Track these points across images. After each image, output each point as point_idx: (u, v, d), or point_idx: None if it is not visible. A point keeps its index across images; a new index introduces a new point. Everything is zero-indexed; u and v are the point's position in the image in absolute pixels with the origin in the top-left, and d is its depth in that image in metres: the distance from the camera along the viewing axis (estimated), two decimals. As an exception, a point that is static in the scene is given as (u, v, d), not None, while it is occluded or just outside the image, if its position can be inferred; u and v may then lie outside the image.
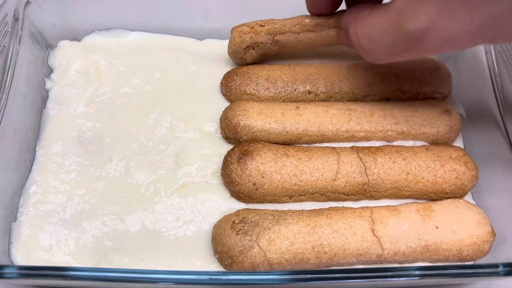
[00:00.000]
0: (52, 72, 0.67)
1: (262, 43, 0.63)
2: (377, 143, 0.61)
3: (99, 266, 0.52)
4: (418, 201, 0.58)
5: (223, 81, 0.65)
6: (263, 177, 0.55)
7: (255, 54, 0.65)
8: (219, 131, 0.62)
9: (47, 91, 0.65)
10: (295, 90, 0.63)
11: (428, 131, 0.61)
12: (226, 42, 0.67)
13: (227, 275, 0.45)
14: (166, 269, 0.53)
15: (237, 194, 0.56)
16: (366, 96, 0.64)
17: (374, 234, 0.52)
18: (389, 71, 0.65)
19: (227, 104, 0.64)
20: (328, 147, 0.59)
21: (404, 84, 0.64)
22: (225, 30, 0.70)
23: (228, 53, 0.66)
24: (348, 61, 0.67)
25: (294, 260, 0.51)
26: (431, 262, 0.54)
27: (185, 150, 0.60)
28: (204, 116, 0.63)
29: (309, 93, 0.63)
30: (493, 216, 0.56)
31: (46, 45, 0.68)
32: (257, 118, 0.59)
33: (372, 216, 0.54)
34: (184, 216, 0.56)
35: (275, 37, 0.63)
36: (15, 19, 0.61)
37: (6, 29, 0.60)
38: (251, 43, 0.63)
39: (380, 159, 0.57)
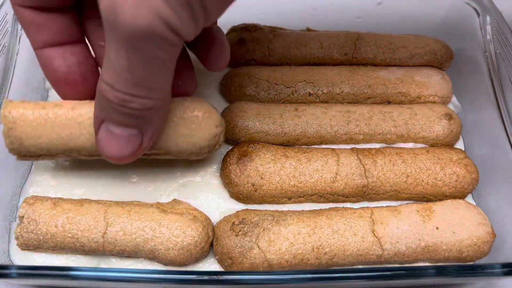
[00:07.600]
0: (52, 72, 0.66)
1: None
2: (376, 145, 0.61)
3: (99, 266, 0.52)
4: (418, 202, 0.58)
5: (223, 82, 0.65)
6: (262, 178, 0.55)
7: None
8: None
9: (47, 91, 0.65)
10: (296, 91, 0.63)
11: (427, 135, 0.61)
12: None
13: (227, 275, 0.45)
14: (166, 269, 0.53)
15: (236, 195, 0.56)
16: (367, 99, 0.64)
17: (374, 234, 0.52)
18: (390, 74, 0.65)
19: (226, 104, 0.63)
20: (327, 148, 0.59)
21: (405, 87, 0.64)
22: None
23: None
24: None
25: (294, 261, 0.51)
26: (431, 263, 0.54)
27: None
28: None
29: (309, 95, 0.63)
30: (493, 217, 0.55)
31: (46, 44, 0.68)
32: (255, 120, 0.59)
33: (372, 216, 0.53)
34: (184, 216, 0.56)
35: None
36: (15, 18, 0.60)
37: (6, 29, 0.60)
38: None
39: (380, 161, 0.57)
